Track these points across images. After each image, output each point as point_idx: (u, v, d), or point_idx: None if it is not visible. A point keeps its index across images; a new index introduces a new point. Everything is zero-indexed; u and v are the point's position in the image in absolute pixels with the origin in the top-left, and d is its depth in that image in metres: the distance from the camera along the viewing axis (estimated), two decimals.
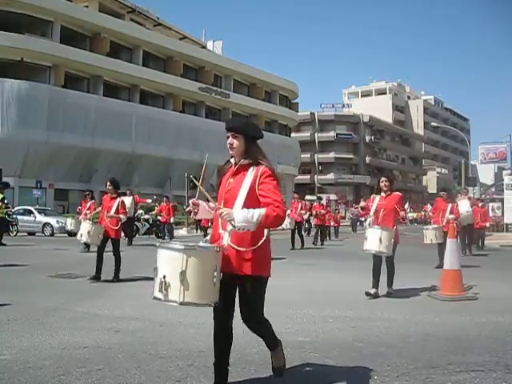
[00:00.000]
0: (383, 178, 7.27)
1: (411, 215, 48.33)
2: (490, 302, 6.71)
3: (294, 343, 4.46)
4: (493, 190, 46.21)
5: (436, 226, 11.18)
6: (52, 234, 23.18)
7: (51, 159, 31.50)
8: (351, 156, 69.26)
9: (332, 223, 23.96)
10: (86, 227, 8.71)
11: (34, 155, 30.69)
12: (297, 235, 16.35)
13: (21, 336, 4.63)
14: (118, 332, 4.89)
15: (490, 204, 34.42)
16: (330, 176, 66.68)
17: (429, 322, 5.45)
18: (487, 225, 17.41)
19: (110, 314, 5.77)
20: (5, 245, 15.62)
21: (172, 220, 19.90)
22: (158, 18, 45.05)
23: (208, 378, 3.51)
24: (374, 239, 6.77)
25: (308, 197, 56.48)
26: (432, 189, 78.14)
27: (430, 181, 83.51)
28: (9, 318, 5.41)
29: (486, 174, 65.34)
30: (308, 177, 66.42)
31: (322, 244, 18.81)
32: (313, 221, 20.84)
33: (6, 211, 16.89)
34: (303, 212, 16.75)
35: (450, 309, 6.26)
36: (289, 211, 15.46)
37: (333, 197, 60.13)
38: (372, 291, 6.95)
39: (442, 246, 10.53)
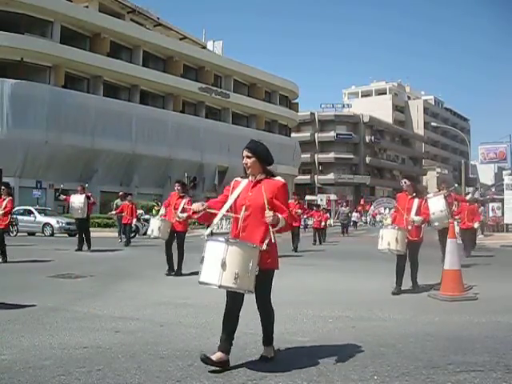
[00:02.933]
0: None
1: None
2: (490, 301, 6.71)
3: (294, 343, 4.46)
4: (493, 190, 46.22)
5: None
6: (52, 234, 23.19)
7: (51, 159, 31.50)
8: (351, 156, 69.29)
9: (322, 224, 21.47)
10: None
11: (34, 155, 30.69)
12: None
13: (21, 336, 4.63)
14: (118, 332, 4.89)
15: (490, 204, 34.44)
16: (330, 176, 66.72)
17: (429, 322, 5.45)
18: (475, 225, 14.16)
19: (109, 314, 5.77)
20: (5, 245, 15.62)
21: (134, 221, 18.53)
22: (158, 18, 45.06)
23: (208, 377, 3.51)
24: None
25: (308, 197, 56.60)
26: (432, 189, 78.15)
27: (430, 181, 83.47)
28: (9, 318, 5.41)
29: (486, 174, 65.34)
30: (308, 177, 66.45)
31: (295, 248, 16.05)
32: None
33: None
34: (299, 211, 15.18)
35: (450, 309, 6.26)
36: None
37: (333, 197, 60.12)
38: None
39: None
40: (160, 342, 4.50)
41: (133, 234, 19.74)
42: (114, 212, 18.87)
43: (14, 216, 22.02)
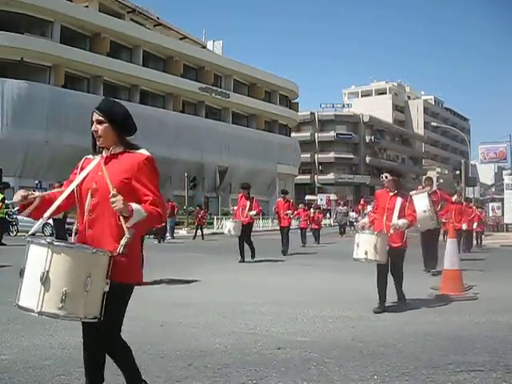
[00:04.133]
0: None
1: None
2: (490, 301, 6.71)
3: (294, 343, 4.46)
4: (493, 189, 46.23)
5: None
6: (52, 234, 23.14)
7: (51, 159, 31.48)
8: (351, 156, 69.29)
9: (312, 225, 19.84)
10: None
11: (34, 155, 30.67)
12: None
13: (21, 336, 4.63)
14: None
15: (490, 204, 34.47)
16: (330, 176, 66.71)
17: (429, 321, 5.45)
18: (463, 226, 12.96)
19: None
20: (5, 245, 15.63)
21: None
22: (158, 18, 45.03)
23: (208, 377, 3.51)
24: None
25: (308, 197, 56.59)
26: (432, 189, 78.00)
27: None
28: (9, 318, 5.41)
29: (486, 174, 65.41)
30: (308, 177, 66.44)
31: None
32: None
33: (6, 211, 16.90)
34: (289, 212, 14.24)
35: (450, 309, 6.26)
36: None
37: (333, 197, 60.09)
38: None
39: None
40: (160, 342, 4.50)
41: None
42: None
43: (14, 216, 22.03)
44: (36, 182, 29.40)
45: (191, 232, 25.92)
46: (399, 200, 6.09)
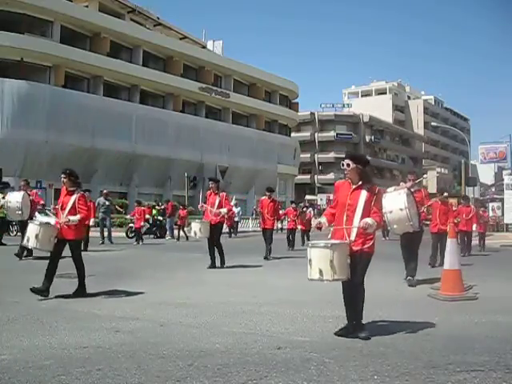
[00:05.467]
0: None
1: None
2: (490, 301, 6.71)
3: (294, 343, 4.47)
4: (493, 189, 46.23)
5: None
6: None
7: (51, 159, 31.46)
8: None
9: (299, 227, 17.75)
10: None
11: (34, 155, 30.66)
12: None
13: (21, 336, 4.64)
14: (118, 332, 4.88)
15: (490, 204, 34.47)
16: (330, 176, 66.63)
17: (429, 322, 5.45)
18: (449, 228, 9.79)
19: (109, 314, 5.77)
20: (5, 245, 15.61)
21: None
22: (158, 18, 44.99)
23: (208, 377, 3.51)
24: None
25: (308, 197, 56.59)
26: (432, 189, 78.13)
27: (430, 181, 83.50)
28: (9, 318, 5.41)
29: (486, 174, 65.37)
30: (308, 177, 66.45)
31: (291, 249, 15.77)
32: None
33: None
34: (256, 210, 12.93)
35: (449, 309, 6.26)
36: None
37: (333, 197, 60.05)
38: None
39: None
40: (160, 342, 4.50)
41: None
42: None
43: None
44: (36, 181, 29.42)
45: (190, 232, 25.83)
46: (364, 194, 4.75)
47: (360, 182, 4.82)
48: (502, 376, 3.56)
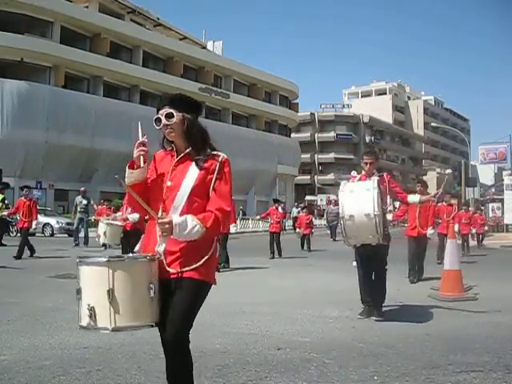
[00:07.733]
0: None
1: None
2: (490, 301, 6.71)
3: (294, 343, 4.46)
4: (493, 190, 46.21)
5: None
6: (52, 235, 23.18)
7: (51, 159, 31.47)
8: (351, 156, 69.18)
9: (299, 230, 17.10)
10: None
11: (34, 155, 30.65)
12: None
13: (21, 336, 4.63)
14: (118, 332, 4.88)
15: (490, 204, 34.46)
16: (330, 176, 66.62)
17: (429, 322, 5.45)
18: (429, 231, 9.26)
19: None
20: (5, 245, 15.64)
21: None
22: (158, 19, 45.00)
23: (208, 378, 3.51)
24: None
25: (308, 197, 56.56)
26: (432, 189, 78.10)
27: (430, 181, 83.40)
28: (9, 318, 5.41)
29: (485, 175, 65.27)
30: (308, 177, 66.40)
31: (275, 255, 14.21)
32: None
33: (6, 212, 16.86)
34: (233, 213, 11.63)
35: (450, 309, 6.26)
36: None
37: (333, 197, 60.05)
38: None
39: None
40: (160, 342, 4.49)
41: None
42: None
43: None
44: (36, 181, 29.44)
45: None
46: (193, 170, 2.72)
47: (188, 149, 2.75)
48: (502, 376, 3.56)
